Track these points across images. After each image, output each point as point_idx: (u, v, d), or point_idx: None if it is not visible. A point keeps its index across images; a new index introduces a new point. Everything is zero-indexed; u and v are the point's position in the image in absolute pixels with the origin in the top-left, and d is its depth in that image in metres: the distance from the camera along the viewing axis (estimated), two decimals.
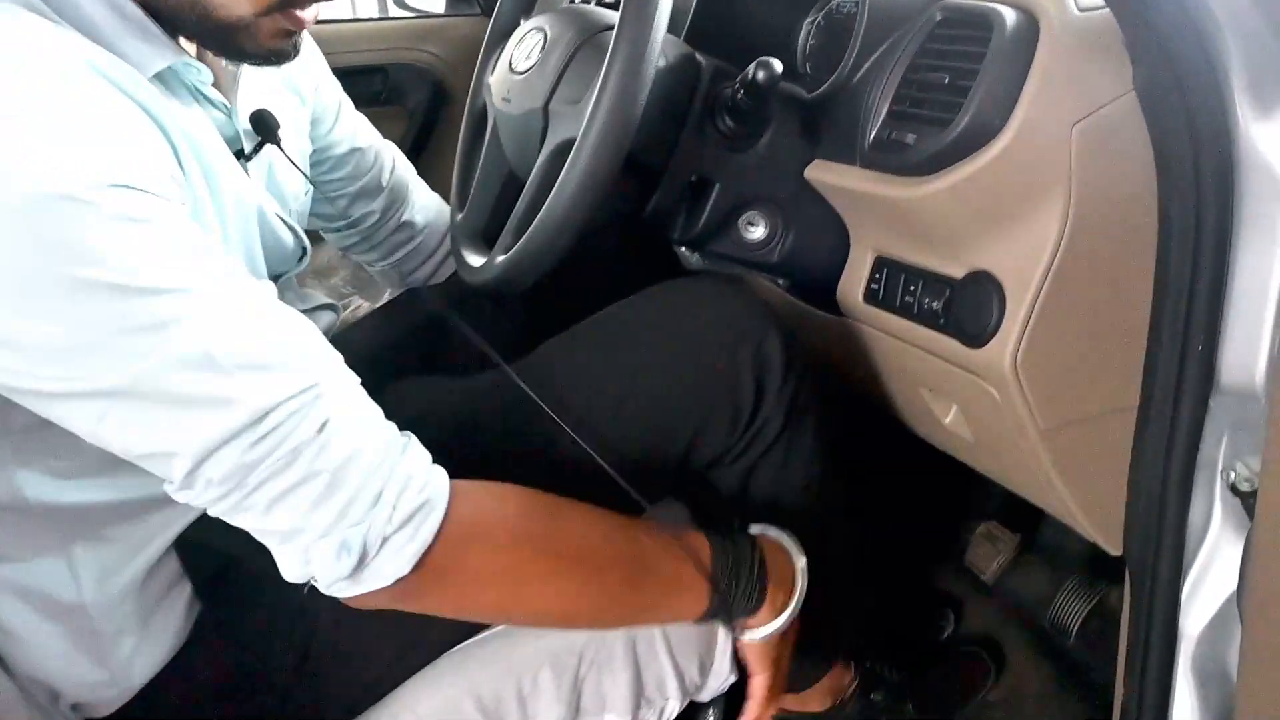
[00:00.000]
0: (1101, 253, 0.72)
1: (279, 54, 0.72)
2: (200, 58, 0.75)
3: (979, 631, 1.29)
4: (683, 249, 1.04)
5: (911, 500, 1.47)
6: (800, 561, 0.85)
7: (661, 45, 0.80)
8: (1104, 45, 0.67)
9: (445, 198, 2.24)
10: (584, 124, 0.70)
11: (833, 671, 1.05)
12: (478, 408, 0.89)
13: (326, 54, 2.07)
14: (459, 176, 1.01)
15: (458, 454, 0.71)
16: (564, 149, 0.77)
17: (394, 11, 2.23)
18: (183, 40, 0.72)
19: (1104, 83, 0.67)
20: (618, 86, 0.69)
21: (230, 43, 0.70)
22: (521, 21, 0.99)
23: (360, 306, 1.76)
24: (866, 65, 0.82)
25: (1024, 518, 1.29)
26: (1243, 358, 0.72)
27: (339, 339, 1.06)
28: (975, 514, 1.37)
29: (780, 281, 1.09)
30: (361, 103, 2.11)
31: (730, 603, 0.79)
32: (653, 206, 0.86)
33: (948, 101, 0.72)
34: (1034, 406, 0.77)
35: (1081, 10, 0.68)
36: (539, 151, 0.81)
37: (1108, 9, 0.66)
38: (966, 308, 0.77)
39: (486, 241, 0.93)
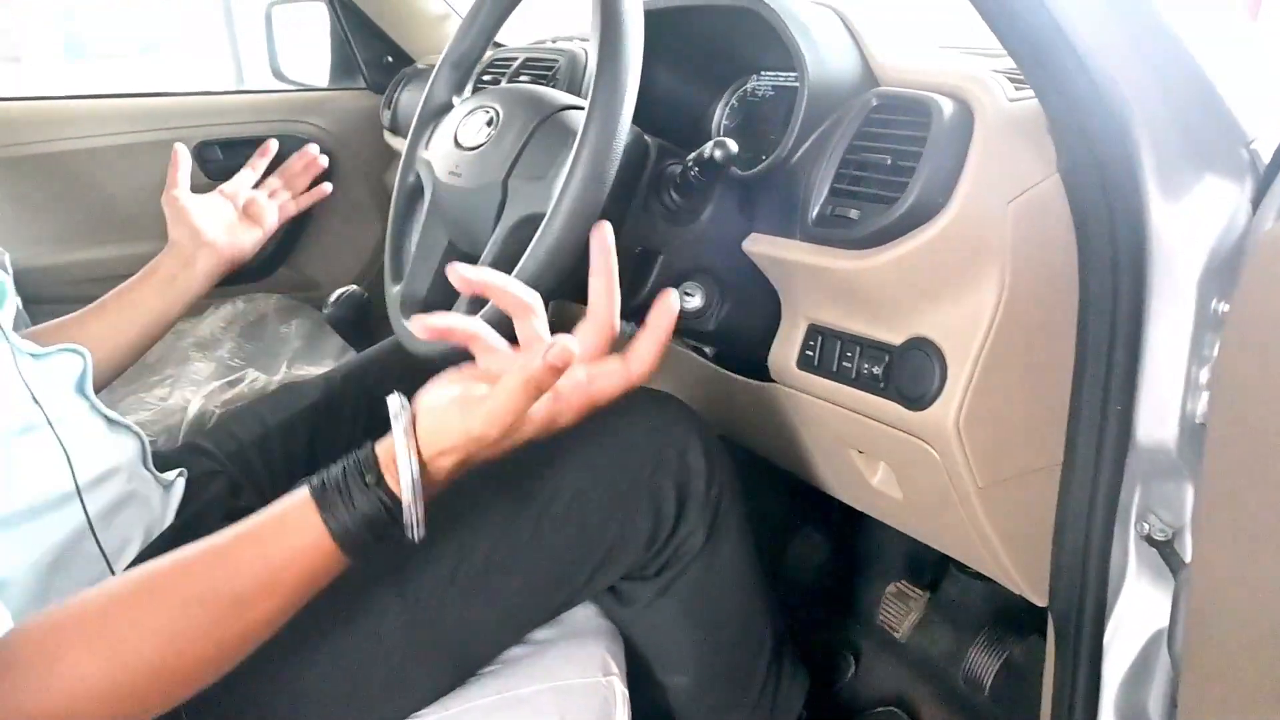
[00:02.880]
0: (1033, 320, 0.77)
1: None
2: None
3: (892, 690, 1.33)
4: None
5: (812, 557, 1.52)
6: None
7: None
8: (1032, 131, 0.73)
9: (333, 266, 2.22)
10: (555, 198, 0.72)
11: None
12: None
13: (209, 125, 2.06)
14: (392, 248, 1.01)
15: None
16: (527, 223, 0.78)
17: (279, 84, 2.21)
18: None
19: (1033, 164, 0.73)
20: (591, 163, 0.71)
21: None
22: (454, 100, 1.01)
23: (257, 379, 1.71)
24: (805, 146, 0.86)
25: (930, 575, 1.34)
26: (1157, 417, 0.79)
27: (223, 423, 1.04)
28: (881, 574, 1.41)
29: (706, 350, 1.12)
30: None
31: (345, 494, 0.63)
32: None
33: (890, 181, 0.77)
34: (973, 464, 0.81)
35: (1011, 100, 0.74)
36: (494, 224, 0.82)
37: (1035, 99, 0.72)
38: (907, 372, 0.82)
39: (428, 313, 0.92)
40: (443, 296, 0.93)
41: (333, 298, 1.28)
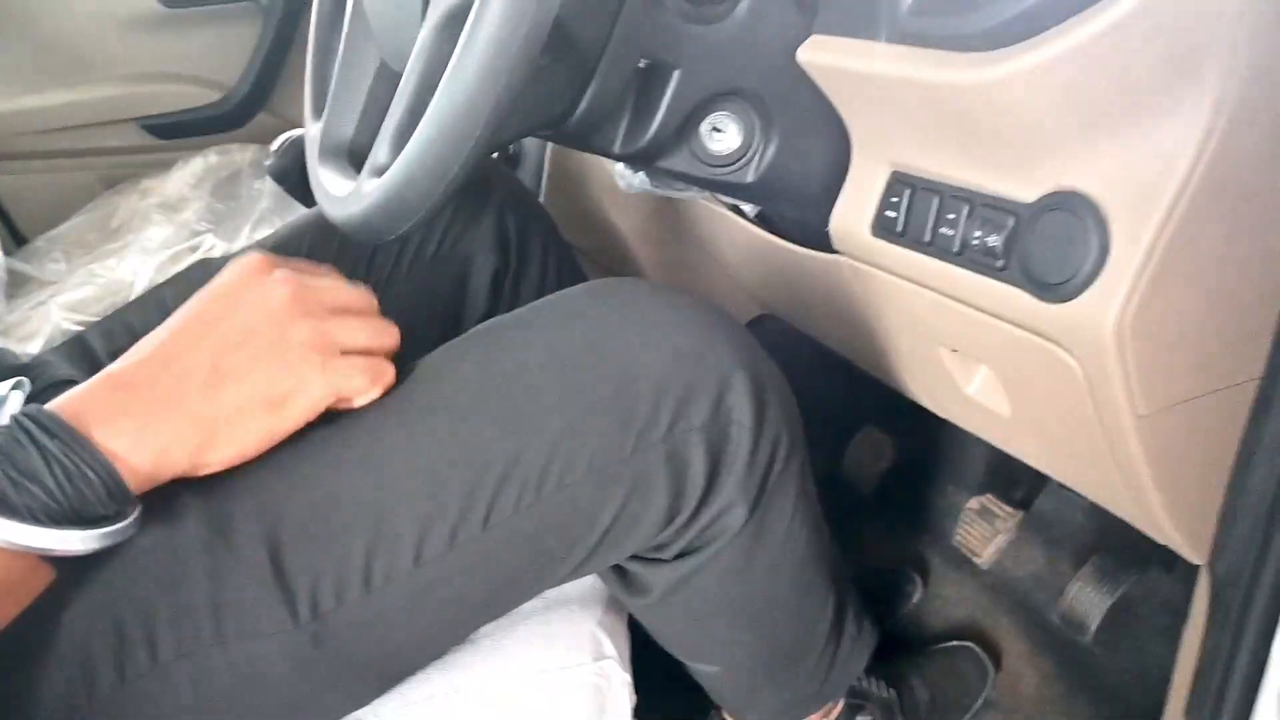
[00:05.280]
0: (1257, 161, 0.49)
1: None
2: None
3: (966, 620, 1.11)
4: (620, 166, 0.79)
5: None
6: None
7: None
8: None
9: None
10: None
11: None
12: None
13: None
14: (313, 75, 0.74)
15: None
16: (456, 17, 0.51)
17: None
18: None
19: None
20: None
21: None
22: None
23: (214, 246, 1.48)
24: None
25: (1024, 490, 1.09)
26: None
27: (119, 316, 0.80)
28: (959, 482, 1.17)
29: (747, 209, 0.85)
30: None
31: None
32: (586, 105, 0.61)
33: None
34: (1136, 385, 0.55)
35: None
36: (419, 26, 0.55)
37: None
38: (1042, 245, 0.54)
39: (354, 161, 0.67)
40: (374, 138, 0.67)
41: (274, 144, 1.02)
